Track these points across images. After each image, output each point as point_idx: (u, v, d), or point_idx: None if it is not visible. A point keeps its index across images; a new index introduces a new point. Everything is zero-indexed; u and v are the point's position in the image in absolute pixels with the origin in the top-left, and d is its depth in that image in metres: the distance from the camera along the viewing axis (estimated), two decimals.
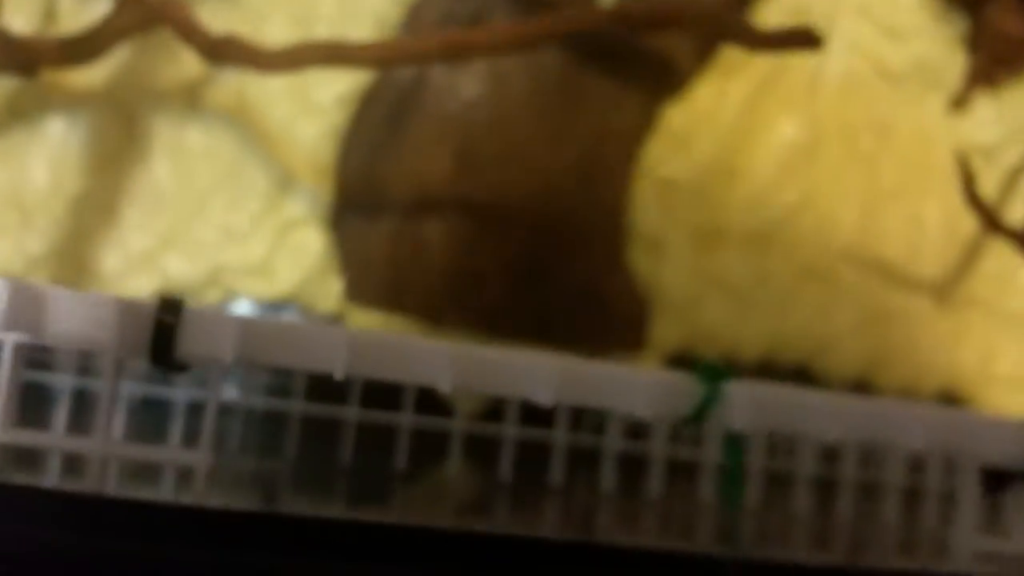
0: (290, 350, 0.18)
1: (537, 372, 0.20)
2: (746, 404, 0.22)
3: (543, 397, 0.20)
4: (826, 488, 0.34)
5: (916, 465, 0.34)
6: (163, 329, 0.17)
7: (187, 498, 0.17)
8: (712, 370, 0.21)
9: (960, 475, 0.28)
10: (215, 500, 0.21)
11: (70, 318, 0.16)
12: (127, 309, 0.17)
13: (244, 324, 0.18)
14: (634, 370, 0.20)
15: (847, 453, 0.34)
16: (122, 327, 0.16)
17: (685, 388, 0.21)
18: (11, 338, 0.17)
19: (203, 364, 0.18)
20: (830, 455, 0.35)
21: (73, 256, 0.40)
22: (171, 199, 0.40)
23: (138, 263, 0.39)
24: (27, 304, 0.16)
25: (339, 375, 0.18)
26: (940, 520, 0.33)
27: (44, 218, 0.40)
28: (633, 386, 0.21)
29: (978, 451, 0.26)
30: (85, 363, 0.33)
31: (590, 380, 0.21)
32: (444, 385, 0.19)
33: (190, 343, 0.18)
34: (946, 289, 0.45)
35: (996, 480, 0.28)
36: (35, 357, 0.31)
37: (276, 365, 0.18)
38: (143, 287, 0.39)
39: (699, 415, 0.20)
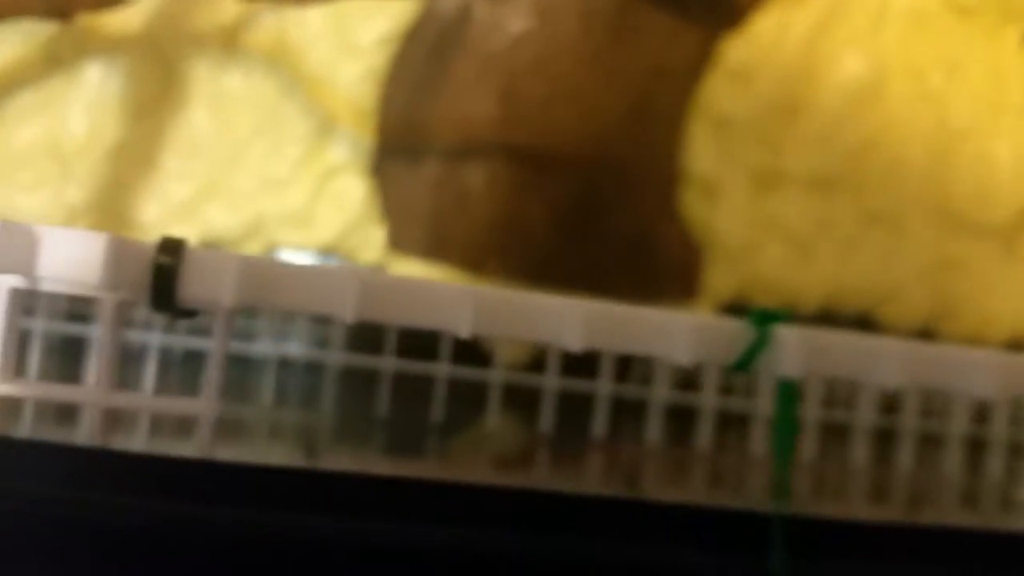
0: (298, 293, 0.17)
1: (565, 315, 0.18)
2: (799, 349, 0.20)
3: (571, 342, 0.18)
4: (885, 439, 0.33)
5: (981, 414, 0.32)
6: (163, 271, 0.16)
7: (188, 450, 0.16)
8: (762, 314, 0.19)
9: None
10: (254, 454, 0.21)
11: (63, 259, 0.15)
12: (124, 249, 0.15)
13: (248, 265, 0.17)
14: (674, 314, 0.18)
15: (908, 401, 0.32)
16: (119, 268, 0.15)
17: (733, 333, 0.19)
18: (5, 283, 0.16)
19: (207, 308, 0.17)
20: (890, 404, 0.33)
21: (113, 206, 0.39)
22: (210, 147, 0.39)
23: (178, 213, 0.39)
24: (18, 244, 0.15)
25: (349, 319, 0.17)
26: (1006, 473, 0.31)
27: (83, 168, 0.39)
28: (673, 331, 0.18)
29: None
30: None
31: (625, 324, 0.19)
32: (463, 330, 0.17)
33: (192, 286, 0.16)
34: (1017, 234, 0.43)
35: None
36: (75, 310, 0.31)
37: (282, 308, 0.17)
38: (184, 238, 0.38)
39: (747, 361, 0.18)
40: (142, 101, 0.39)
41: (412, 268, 0.39)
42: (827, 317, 0.41)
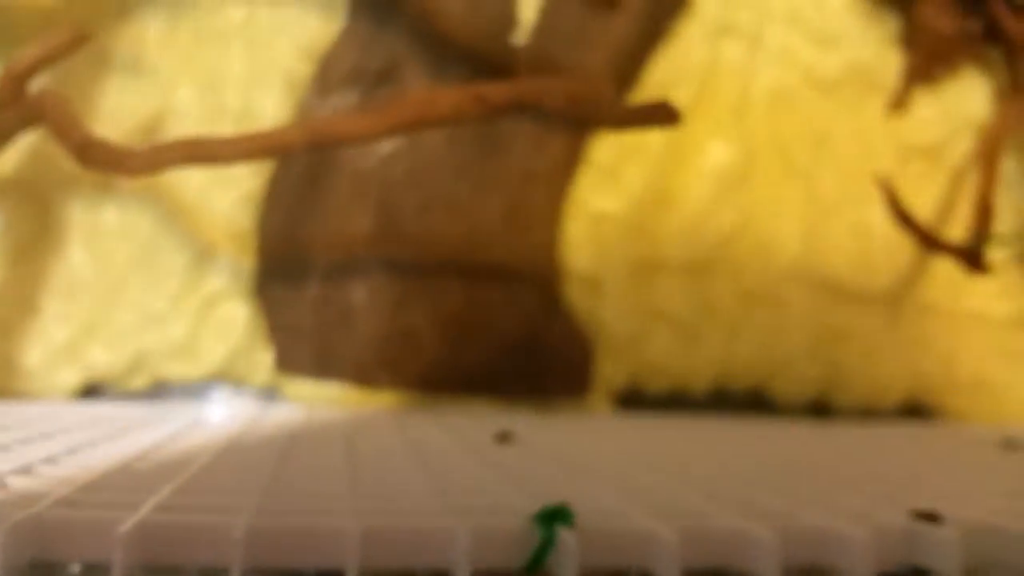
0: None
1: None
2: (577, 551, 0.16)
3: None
4: None
5: None
6: None
7: None
8: (548, 514, 0.16)
9: None
10: None
11: None
12: None
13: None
14: (457, 522, 0.15)
15: None
16: None
17: (517, 536, 0.16)
18: None
19: None
20: None
21: None
22: (89, 286, 0.39)
23: (62, 355, 0.38)
24: None
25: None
26: None
27: None
28: (453, 539, 0.16)
29: None
30: None
31: (396, 538, 0.16)
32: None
33: None
34: (900, 298, 0.44)
35: None
36: None
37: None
38: (69, 380, 0.38)
39: (535, 565, 0.16)
40: (18, 245, 0.39)
41: (302, 389, 0.39)
42: (720, 396, 0.42)
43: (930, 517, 0.17)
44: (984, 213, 0.40)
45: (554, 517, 0.16)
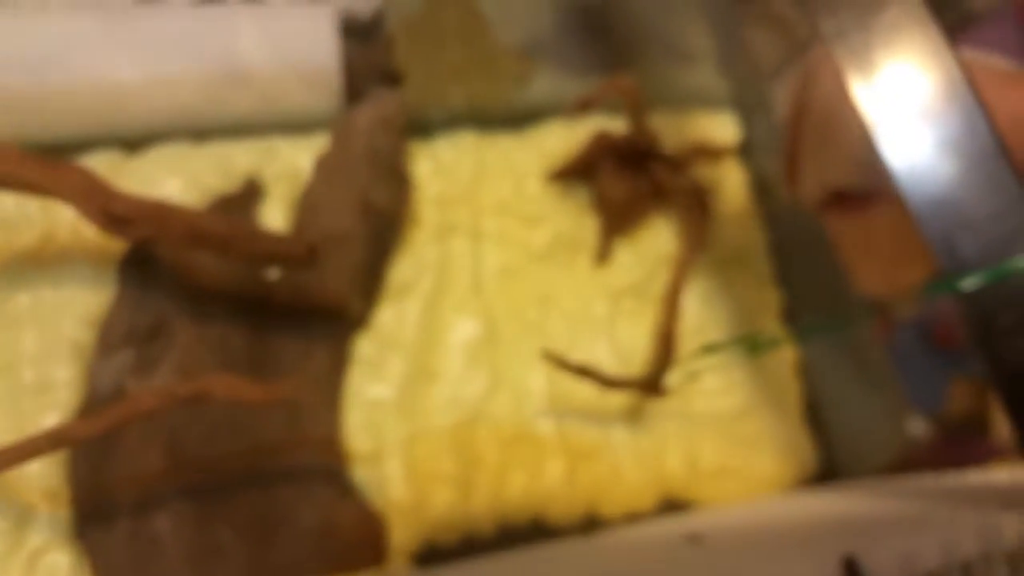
0: None
1: None
2: None
3: None
4: None
5: None
6: None
7: None
8: None
9: None
10: None
11: None
12: None
13: None
14: None
15: None
16: None
17: None
18: None
19: None
20: None
21: None
22: None
23: None
24: None
25: None
26: None
27: None
28: None
29: None
30: None
31: None
32: None
33: None
34: (637, 414, 0.53)
35: None
36: None
37: None
38: None
39: None
40: None
41: None
42: (507, 534, 0.49)
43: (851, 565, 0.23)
44: (665, 343, 0.49)
45: None
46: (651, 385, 0.49)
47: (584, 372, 0.46)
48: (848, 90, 0.36)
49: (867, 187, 0.38)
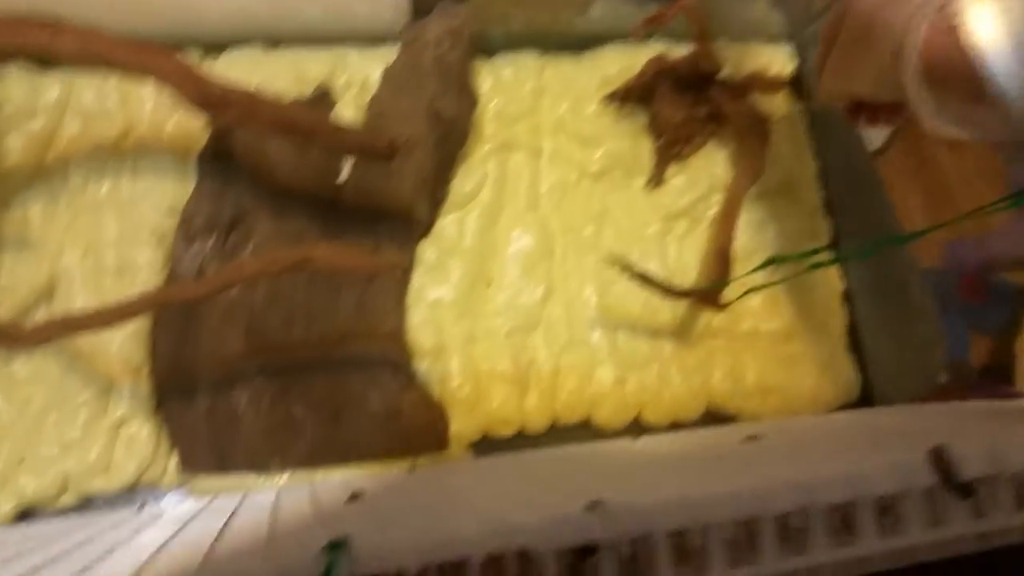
0: None
1: None
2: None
3: None
4: None
5: None
6: None
7: None
8: (331, 544, 0.20)
9: None
10: None
11: None
12: None
13: None
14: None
15: None
16: None
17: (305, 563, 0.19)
18: None
19: None
20: None
21: None
22: (11, 428, 0.45)
23: None
24: None
25: None
26: None
27: None
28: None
29: None
30: None
31: None
32: None
33: None
34: (686, 329, 0.55)
35: None
36: None
37: None
38: (3, 508, 0.44)
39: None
40: None
41: (206, 484, 0.46)
42: (554, 430, 0.51)
43: None
44: (722, 259, 0.51)
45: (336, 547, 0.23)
46: (710, 297, 0.51)
47: (648, 280, 0.49)
48: None
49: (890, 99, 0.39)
